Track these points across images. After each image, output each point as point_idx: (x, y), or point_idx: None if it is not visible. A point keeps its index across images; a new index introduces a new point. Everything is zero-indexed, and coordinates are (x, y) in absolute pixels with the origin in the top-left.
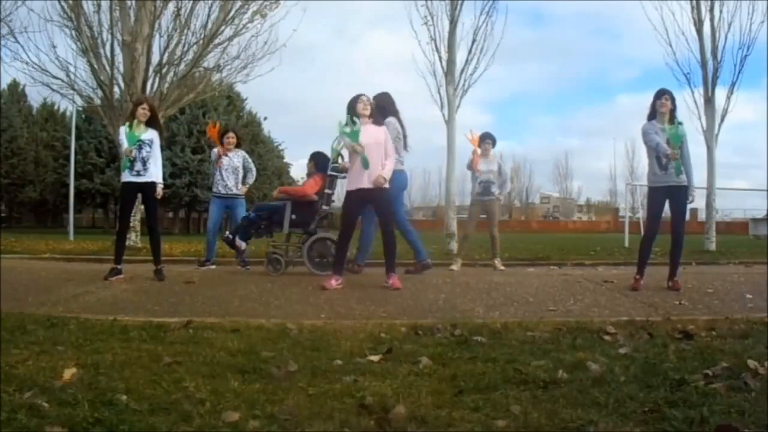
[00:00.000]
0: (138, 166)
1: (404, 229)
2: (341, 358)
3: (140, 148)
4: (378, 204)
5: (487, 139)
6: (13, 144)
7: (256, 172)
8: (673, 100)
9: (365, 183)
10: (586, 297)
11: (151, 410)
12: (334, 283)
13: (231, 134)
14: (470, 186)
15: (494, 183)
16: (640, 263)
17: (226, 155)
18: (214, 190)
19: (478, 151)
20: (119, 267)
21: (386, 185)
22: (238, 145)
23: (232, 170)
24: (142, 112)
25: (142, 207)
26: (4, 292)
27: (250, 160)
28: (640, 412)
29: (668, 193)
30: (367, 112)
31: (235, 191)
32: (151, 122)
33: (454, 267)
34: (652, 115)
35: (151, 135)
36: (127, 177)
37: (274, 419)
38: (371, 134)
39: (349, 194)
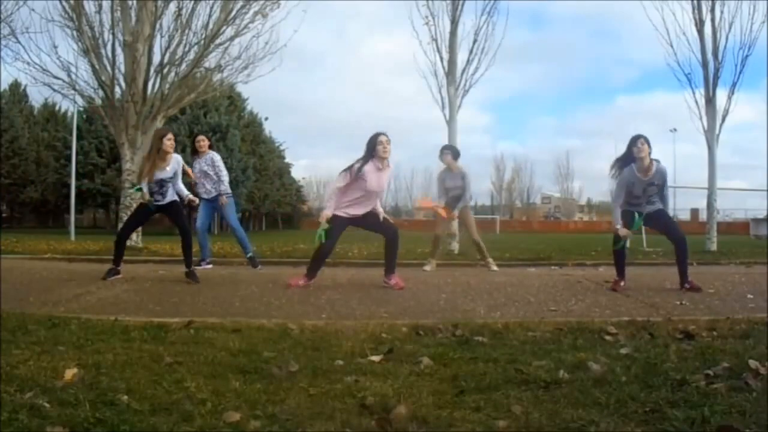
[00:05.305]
0: (158, 197)
1: None
2: (342, 359)
3: (161, 185)
4: (374, 222)
5: (445, 151)
6: (15, 144)
7: (250, 172)
8: (648, 143)
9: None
10: (587, 297)
11: (153, 410)
12: (301, 282)
13: (202, 137)
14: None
15: (463, 194)
16: (619, 268)
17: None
18: (199, 194)
19: (440, 211)
20: (118, 268)
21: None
22: (209, 147)
23: (203, 175)
24: (169, 143)
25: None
26: (5, 292)
27: (218, 164)
28: (642, 412)
29: (643, 217)
30: (387, 155)
31: (214, 194)
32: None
33: (427, 267)
34: (630, 158)
35: (172, 169)
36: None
37: (275, 419)
38: (379, 180)
39: (341, 219)
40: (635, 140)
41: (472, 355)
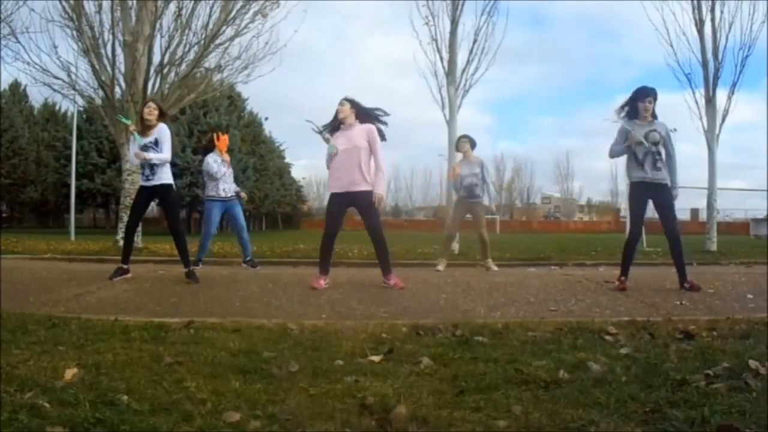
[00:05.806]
0: (146, 171)
1: None
2: (342, 359)
3: (145, 150)
4: (363, 208)
5: (463, 140)
6: (15, 144)
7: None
8: (656, 99)
9: (350, 187)
10: (587, 297)
11: (153, 410)
12: (323, 283)
13: (226, 137)
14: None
15: (478, 185)
16: (623, 265)
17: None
18: (213, 194)
19: (457, 168)
20: (126, 266)
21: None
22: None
23: (230, 173)
24: (147, 111)
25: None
26: (5, 292)
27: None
28: (642, 412)
29: (648, 190)
30: (342, 116)
31: (232, 192)
32: (160, 119)
33: (440, 267)
34: (634, 114)
35: (154, 135)
36: (141, 181)
37: (275, 419)
38: (346, 138)
39: (334, 196)
40: (644, 97)
41: (472, 355)
